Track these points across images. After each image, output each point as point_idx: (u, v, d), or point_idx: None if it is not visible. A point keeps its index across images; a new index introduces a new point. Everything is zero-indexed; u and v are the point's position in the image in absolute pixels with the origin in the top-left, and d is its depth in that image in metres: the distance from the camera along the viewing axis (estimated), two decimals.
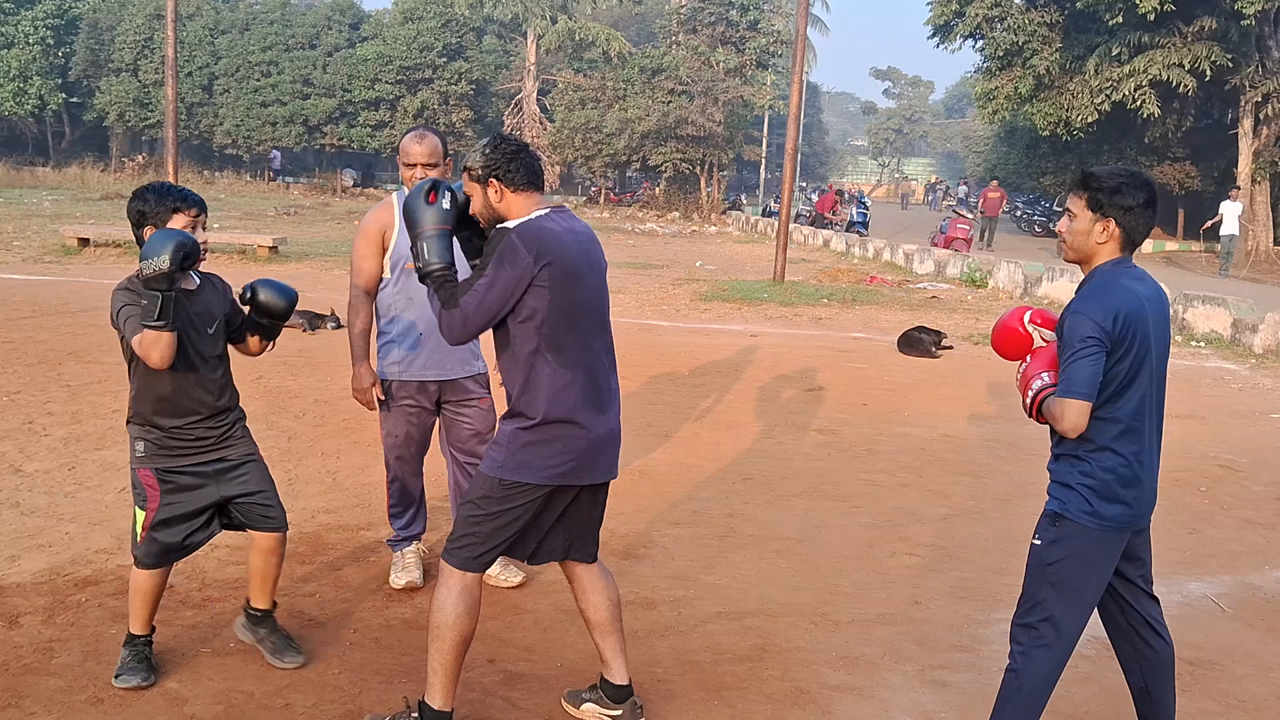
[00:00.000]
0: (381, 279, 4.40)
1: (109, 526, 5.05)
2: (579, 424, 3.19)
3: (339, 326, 10.84)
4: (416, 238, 3.25)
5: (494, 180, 3.22)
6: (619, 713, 3.46)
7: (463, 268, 3.81)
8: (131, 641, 3.63)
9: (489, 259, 3.12)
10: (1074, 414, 2.90)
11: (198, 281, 3.60)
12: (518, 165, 3.21)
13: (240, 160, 50.11)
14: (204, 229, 3.55)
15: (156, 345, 3.29)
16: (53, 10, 48.52)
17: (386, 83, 45.52)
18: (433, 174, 4.29)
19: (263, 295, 3.69)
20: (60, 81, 49.16)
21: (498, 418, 4.61)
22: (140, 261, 3.25)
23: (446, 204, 3.26)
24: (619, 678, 3.46)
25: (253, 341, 3.82)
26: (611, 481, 3.41)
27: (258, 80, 47.10)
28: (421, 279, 3.27)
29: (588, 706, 3.50)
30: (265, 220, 27.73)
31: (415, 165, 4.28)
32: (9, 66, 47.25)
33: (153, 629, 3.68)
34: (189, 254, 3.26)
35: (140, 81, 47.51)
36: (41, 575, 4.46)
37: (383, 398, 4.39)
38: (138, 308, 3.32)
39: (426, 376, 4.39)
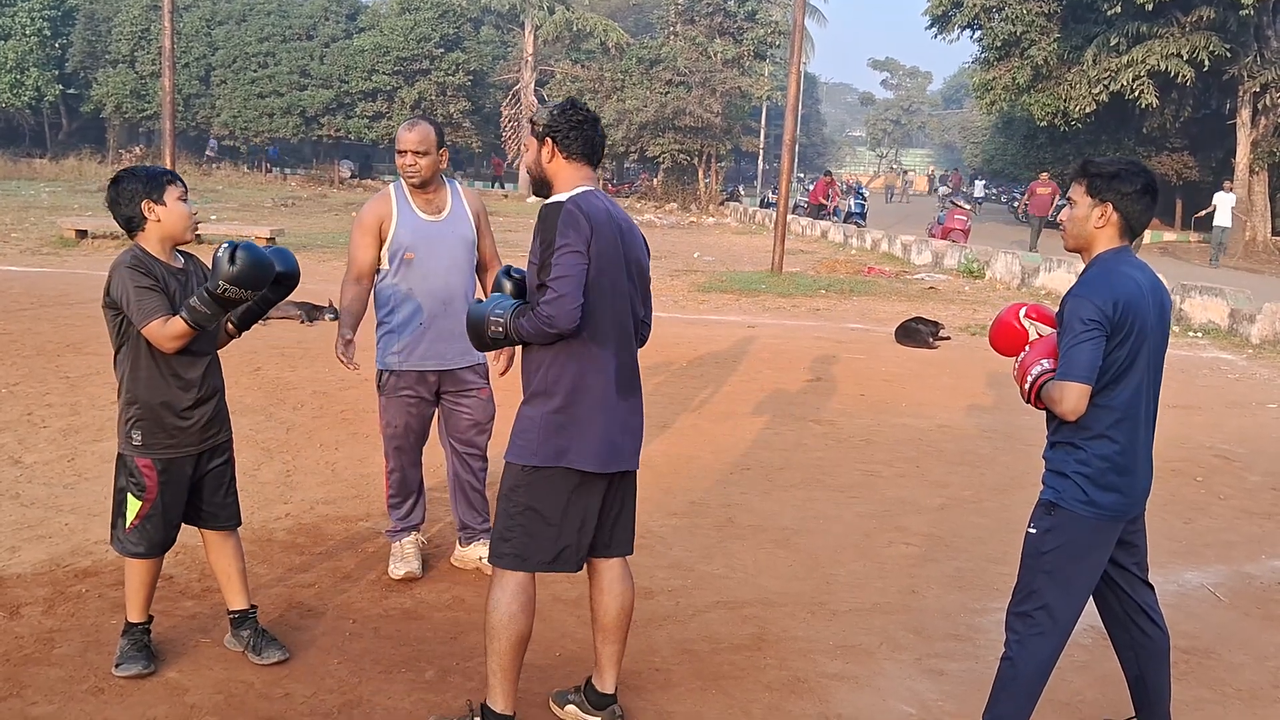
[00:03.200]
0: (380, 270, 4.41)
1: (108, 518, 5.04)
2: (605, 407, 3.12)
3: (337, 318, 10.83)
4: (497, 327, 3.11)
5: (550, 140, 3.21)
6: None
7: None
8: (130, 630, 3.64)
9: (550, 234, 3.02)
10: (1074, 397, 2.91)
11: (182, 261, 3.59)
12: (578, 135, 3.20)
13: (237, 151, 50.04)
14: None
15: (182, 339, 3.36)
16: (49, 2, 48.35)
17: (384, 74, 45.45)
18: (424, 161, 4.31)
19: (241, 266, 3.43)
20: (57, 73, 49.04)
21: (496, 408, 4.63)
22: (228, 280, 3.23)
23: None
24: (606, 686, 3.39)
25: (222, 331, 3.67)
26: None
27: (255, 71, 47.01)
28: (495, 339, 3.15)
29: (570, 709, 3.44)
30: (262, 211, 27.68)
31: (406, 152, 4.31)
32: (5, 58, 47.13)
33: (150, 617, 3.69)
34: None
35: (137, 73, 47.40)
36: (42, 566, 4.47)
37: (358, 366, 4.32)
38: (154, 293, 3.35)
39: (426, 366, 4.40)
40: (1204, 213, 25.04)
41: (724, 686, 3.73)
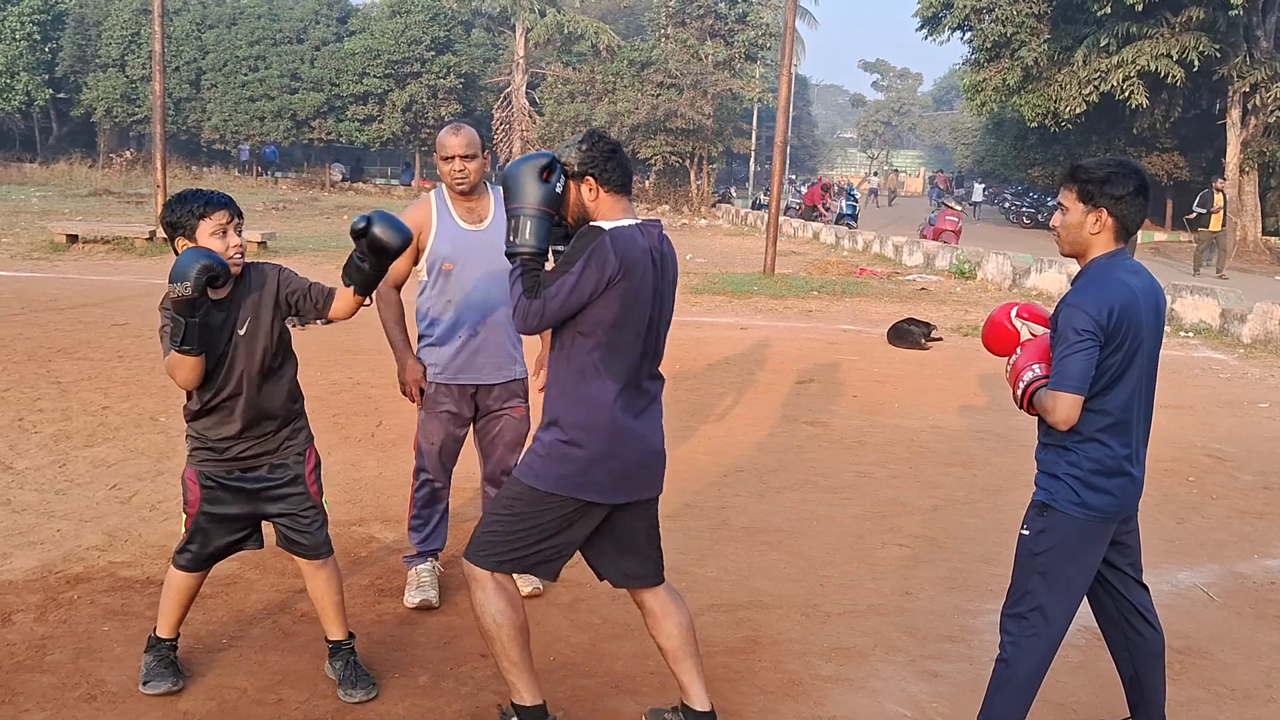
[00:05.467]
0: (420, 281, 4.31)
1: (100, 524, 5.04)
2: (614, 439, 3.08)
3: (327, 322, 10.78)
4: (517, 211, 3.06)
5: (590, 178, 3.11)
6: None
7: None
8: (156, 646, 3.57)
9: (576, 254, 3.00)
10: (1066, 407, 2.92)
11: (228, 290, 3.34)
12: (614, 165, 3.13)
13: (228, 155, 49.96)
14: (238, 231, 3.33)
15: (181, 368, 3.20)
16: (39, 5, 48.21)
17: (375, 77, 45.42)
18: (472, 166, 4.14)
19: (377, 229, 3.22)
20: (47, 77, 48.88)
21: (531, 427, 4.51)
22: (169, 284, 3.07)
23: (559, 188, 3.09)
24: (699, 703, 3.29)
25: (345, 297, 3.39)
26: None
27: (245, 75, 46.95)
28: (509, 256, 3.09)
29: None
30: (254, 215, 27.59)
31: (453, 158, 4.13)
32: None
33: (178, 634, 3.62)
34: (214, 277, 3.06)
35: (127, 77, 47.29)
36: (33, 573, 4.45)
37: (426, 388, 4.28)
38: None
39: (462, 380, 4.27)
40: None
41: (718, 689, 3.72)
